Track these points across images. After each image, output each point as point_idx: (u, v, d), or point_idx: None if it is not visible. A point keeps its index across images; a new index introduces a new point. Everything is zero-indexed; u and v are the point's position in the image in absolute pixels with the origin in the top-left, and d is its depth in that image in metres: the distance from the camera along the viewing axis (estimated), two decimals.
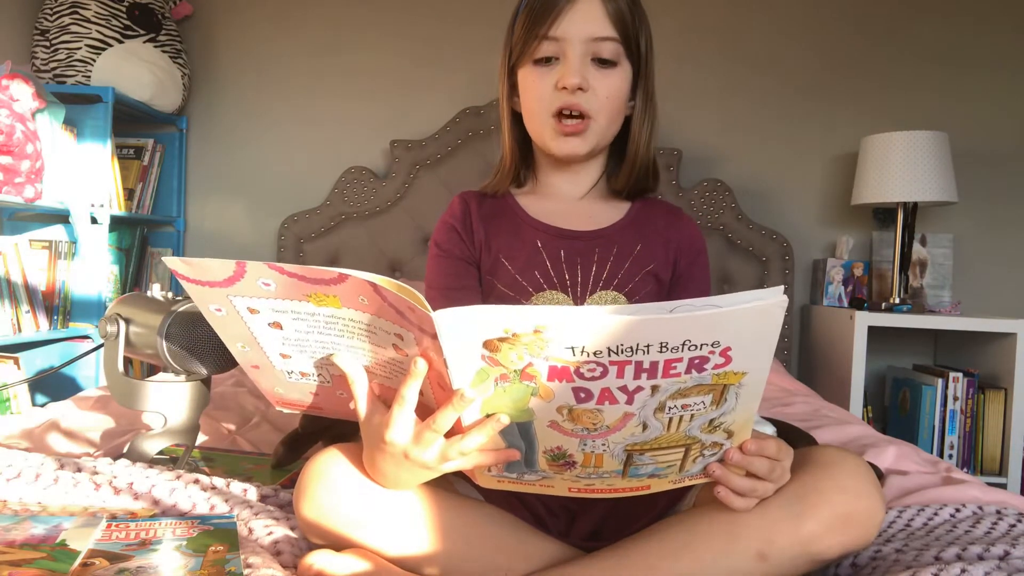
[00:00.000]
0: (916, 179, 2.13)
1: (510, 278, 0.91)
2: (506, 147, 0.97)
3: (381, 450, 0.67)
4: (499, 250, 0.93)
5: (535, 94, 0.89)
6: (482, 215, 0.96)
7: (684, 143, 2.48)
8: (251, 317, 0.68)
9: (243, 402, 1.48)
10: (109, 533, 0.71)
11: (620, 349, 0.55)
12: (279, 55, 2.61)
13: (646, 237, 0.94)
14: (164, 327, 0.92)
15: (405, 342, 0.63)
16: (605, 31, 0.87)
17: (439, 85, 2.57)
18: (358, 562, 0.70)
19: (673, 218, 0.98)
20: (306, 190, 2.58)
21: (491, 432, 0.63)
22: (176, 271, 0.65)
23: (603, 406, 0.59)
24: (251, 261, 0.62)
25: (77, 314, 2.22)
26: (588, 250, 0.92)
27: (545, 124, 0.90)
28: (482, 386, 0.60)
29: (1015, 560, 0.72)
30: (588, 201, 0.96)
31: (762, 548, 0.68)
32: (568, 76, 0.86)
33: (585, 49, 0.87)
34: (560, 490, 0.70)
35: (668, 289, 0.94)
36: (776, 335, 0.57)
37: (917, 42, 2.46)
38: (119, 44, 2.26)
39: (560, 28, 0.86)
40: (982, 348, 2.25)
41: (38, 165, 1.92)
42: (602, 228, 0.94)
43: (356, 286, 0.60)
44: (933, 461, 1.17)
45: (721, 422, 0.62)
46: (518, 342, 0.56)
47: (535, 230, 0.93)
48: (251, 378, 0.78)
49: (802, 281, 2.53)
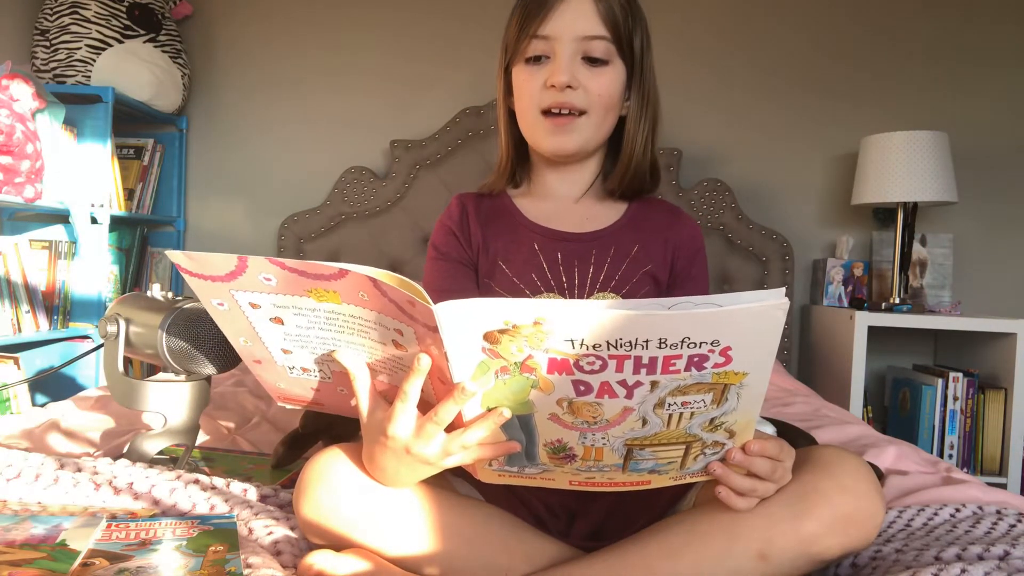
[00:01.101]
0: (916, 179, 2.13)
1: (507, 281, 0.91)
2: (503, 147, 0.98)
3: (382, 445, 0.67)
4: (496, 252, 0.93)
5: (526, 92, 0.90)
6: (480, 217, 0.96)
7: (684, 143, 2.48)
8: (253, 312, 0.68)
9: (243, 402, 1.48)
10: (109, 533, 0.72)
11: (619, 343, 0.55)
12: (279, 55, 2.61)
13: (644, 238, 0.93)
14: (164, 327, 0.92)
15: (405, 338, 0.63)
16: (595, 30, 0.86)
17: (439, 85, 2.57)
18: (358, 562, 0.70)
19: (672, 217, 0.97)
20: (306, 190, 2.58)
21: (493, 425, 0.63)
22: (179, 265, 0.65)
23: (603, 400, 0.60)
24: (252, 256, 0.62)
25: (77, 314, 2.22)
26: (585, 252, 0.92)
27: (536, 121, 0.90)
28: (483, 379, 0.60)
29: (1015, 560, 0.72)
30: (584, 202, 0.96)
31: (762, 548, 0.68)
32: (557, 74, 0.86)
33: (575, 48, 0.87)
34: (561, 483, 0.71)
35: (666, 289, 0.94)
36: (777, 337, 0.57)
37: (917, 42, 2.46)
38: (119, 44, 2.26)
39: (549, 27, 0.86)
40: (982, 348, 2.25)
41: (38, 165, 1.92)
42: (599, 230, 0.94)
43: (356, 282, 0.60)
44: (933, 461, 1.17)
45: (722, 421, 0.62)
46: (518, 334, 0.56)
47: (532, 232, 0.94)
48: (253, 373, 0.78)
49: (802, 281, 2.53)
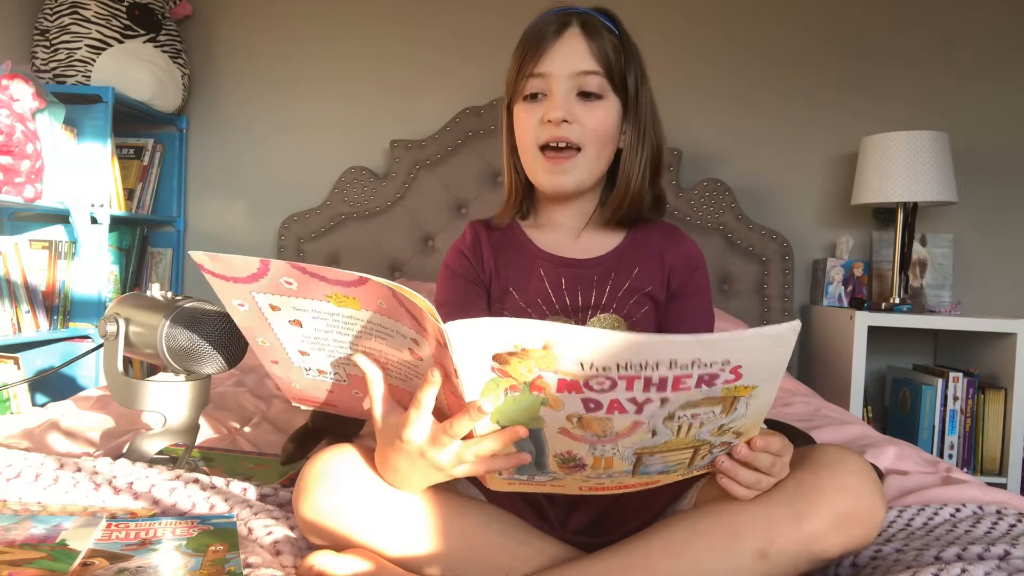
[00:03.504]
0: (916, 179, 2.13)
1: (516, 305, 0.95)
2: (508, 182, 1.01)
3: (396, 447, 0.68)
4: (507, 278, 0.97)
5: (524, 128, 0.93)
6: (492, 244, 1.00)
7: (684, 143, 2.48)
8: (272, 314, 0.69)
9: (243, 402, 1.48)
10: (109, 533, 0.72)
11: (629, 365, 0.55)
12: (279, 55, 2.61)
13: (642, 260, 0.97)
14: (164, 327, 0.92)
15: (420, 347, 0.63)
16: (588, 65, 0.90)
17: (439, 85, 2.57)
18: (359, 563, 0.70)
19: (669, 238, 1.00)
20: (306, 190, 2.58)
21: (507, 439, 0.63)
22: (202, 265, 0.66)
23: (612, 415, 0.59)
24: (275, 260, 0.63)
25: (77, 314, 2.22)
26: (587, 277, 0.95)
27: (535, 158, 0.93)
28: (493, 395, 0.60)
29: (1015, 560, 0.72)
30: (587, 233, 1.00)
31: (763, 547, 0.68)
32: (552, 110, 0.90)
33: (570, 84, 0.91)
34: (571, 489, 0.71)
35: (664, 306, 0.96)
36: (788, 356, 0.57)
37: (917, 42, 2.46)
38: (119, 44, 2.26)
39: (545, 64, 0.91)
40: (982, 348, 2.25)
41: (38, 165, 1.92)
42: (600, 256, 0.97)
43: (376, 289, 0.60)
44: (933, 461, 1.17)
45: (731, 427, 0.62)
46: (527, 357, 0.56)
47: (538, 259, 0.98)
48: (270, 372, 0.79)
49: (802, 281, 2.53)
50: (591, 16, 0.93)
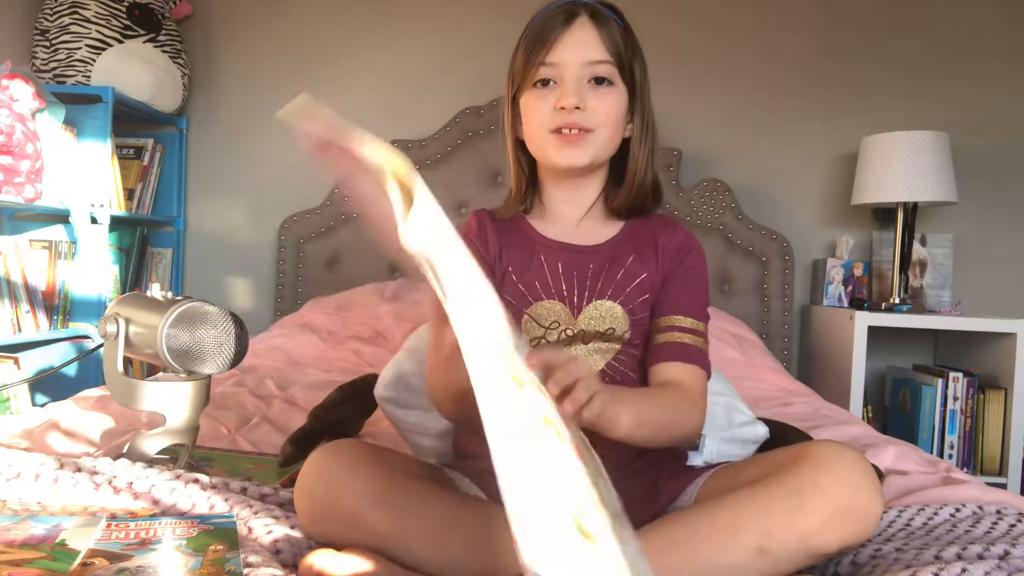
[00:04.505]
0: (916, 179, 2.13)
1: (514, 288, 0.96)
2: (513, 175, 1.02)
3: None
4: (509, 262, 0.98)
5: (535, 114, 0.94)
6: (496, 231, 1.00)
7: (684, 143, 2.48)
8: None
9: (243, 402, 1.48)
10: (109, 533, 0.72)
11: None
12: (279, 55, 2.61)
13: (639, 248, 0.98)
14: (164, 327, 0.92)
15: None
16: (600, 55, 0.92)
17: (439, 85, 2.57)
18: (359, 561, 0.70)
19: (665, 226, 1.00)
20: (306, 190, 2.57)
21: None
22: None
23: None
24: None
25: (77, 314, 2.22)
26: (584, 263, 0.96)
27: (546, 140, 0.94)
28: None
29: (1015, 560, 0.73)
30: (587, 222, 1.00)
31: (761, 542, 0.68)
32: (566, 97, 0.90)
33: (581, 72, 0.92)
34: None
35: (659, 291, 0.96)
36: None
37: (917, 42, 2.46)
38: (119, 44, 2.26)
39: (556, 54, 0.91)
40: (982, 348, 2.25)
41: (38, 165, 1.92)
42: (599, 243, 0.98)
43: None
44: (933, 461, 1.17)
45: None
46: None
47: (539, 244, 0.98)
48: None
49: (802, 281, 2.53)
50: (598, 7, 0.94)
